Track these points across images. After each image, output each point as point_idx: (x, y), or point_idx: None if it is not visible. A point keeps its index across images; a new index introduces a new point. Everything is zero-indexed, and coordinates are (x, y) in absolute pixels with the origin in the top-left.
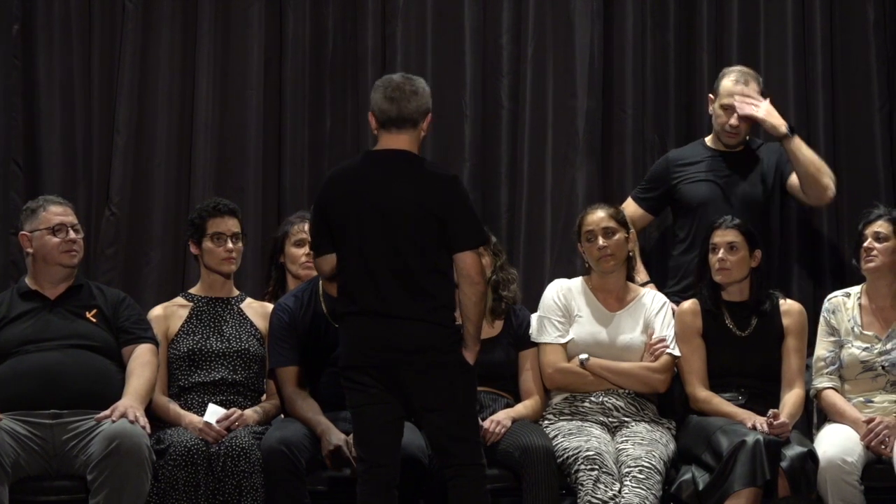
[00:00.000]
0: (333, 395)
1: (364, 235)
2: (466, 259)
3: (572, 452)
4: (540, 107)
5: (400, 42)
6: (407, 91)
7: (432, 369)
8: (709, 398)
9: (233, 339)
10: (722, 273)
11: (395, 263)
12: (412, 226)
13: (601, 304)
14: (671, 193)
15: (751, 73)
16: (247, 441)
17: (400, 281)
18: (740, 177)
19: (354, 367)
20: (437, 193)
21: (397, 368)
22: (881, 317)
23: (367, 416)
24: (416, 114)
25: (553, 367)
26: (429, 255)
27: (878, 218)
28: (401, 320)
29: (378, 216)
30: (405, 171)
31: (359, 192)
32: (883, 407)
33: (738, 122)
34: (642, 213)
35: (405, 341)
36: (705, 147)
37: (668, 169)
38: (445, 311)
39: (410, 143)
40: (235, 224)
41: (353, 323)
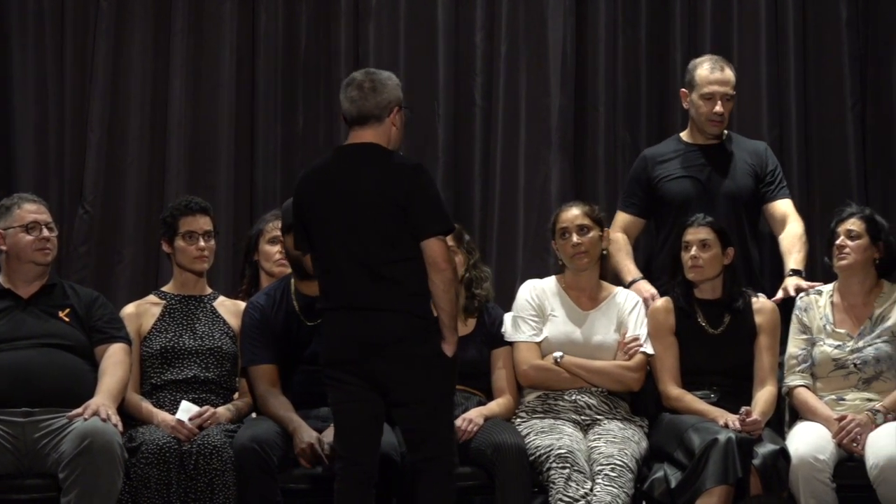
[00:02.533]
0: (306, 392)
1: (333, 230)
2: (431, 246)
3: (544, 450)
4: (513, 104)
5: (373, 40)
6: (366, 89)
7: (405, 361)
8: (681, 396)
9: (205, 336)
10: (694, 271)
11: (362, 255)
12: (377, 216)
13: (574, 303)
14: (654, 192)
15: (722, 59)
16: (219, 439)
17: (368, 272)
18: (721, 171)
19: (333, 363)
20: (400, 182)
21: (371, 362)
22: (853, 315)
23: (346, 413)
24: (377, 109)
25: (527, 364)
26: (396, 246)
27: (851, 216)
28: (370, 311)
29: (344, 209)
30: (368, 164)
31: (326, 188)
32: (855, 405)
33: (722, 109)
34: (633, 220)
35: (376, 333)
36: (681, 142)
37: (647, 167)
38: (417, 300)
39: (377, 136)
40: (208, 222)
41: (329, 319)
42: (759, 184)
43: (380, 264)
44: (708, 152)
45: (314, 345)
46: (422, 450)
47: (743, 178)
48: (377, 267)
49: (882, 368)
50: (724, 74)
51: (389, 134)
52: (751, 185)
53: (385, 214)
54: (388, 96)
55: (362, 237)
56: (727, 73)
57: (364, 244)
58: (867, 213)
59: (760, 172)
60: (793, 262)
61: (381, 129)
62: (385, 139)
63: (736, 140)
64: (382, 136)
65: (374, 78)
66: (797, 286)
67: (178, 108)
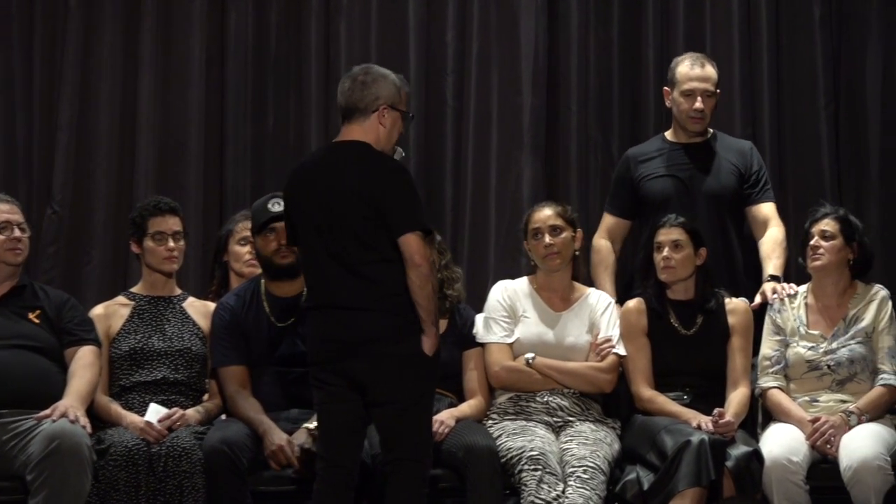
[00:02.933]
0: (276, 394)
1: (314, 227)
2: (406, 242)
3: (516, 452)
4: (484, 104)
5: (343, 39)
6: (358, 81)
7: (383, 361)
8: (653, 397)
9: (175, 338)
10: (667, 272)
11: (341, 254)
12: (355, 217)
13: (546, 304)
14: (636, 192)
15: (703, 55)
16: (188, 441)
17: (348, 271)
18: (703, 170)
19: (317, 363)
20: (377, 183)
21: (350, 361)
22: (827, 316)
23: (329, 414)
24: (362, 103)
25: (499, 365)
26: (374, 247)
27: (825, 216)
28: (349, 311)
29: (324, 207)
30: (350, 162)
31: (309, 184)
32: (828, 406)
33: (702, 106)
34: (617, 221)
35: (354, 332)
36: (665, 141)
37: (629, 167)
38: (397, 299)
39: (364, 132)
40: (177, 222)
41: (312, 318)
42: (744, 184)
43: (358, 264)
44: (691, 151)
45: (284, 346)
46: (395, 450)
47: (727, 177)
48: (356, 266)
49: (856, 370)
50: (704, 71)
51: (377, 132)
52: (734, 186)
53: (362, 215)
54: (377, 92)
55: (341, 237)
56: (708, 69)
57: (342, 244)
58: (841, 213)
59: (745, 173)
60: (771, 267)
61: (367, 126)
62: (373, 137)
63: (721, 139)
64: (370, 133)
65: (370, 71)
66: (773, 290)
67: (148, 107)
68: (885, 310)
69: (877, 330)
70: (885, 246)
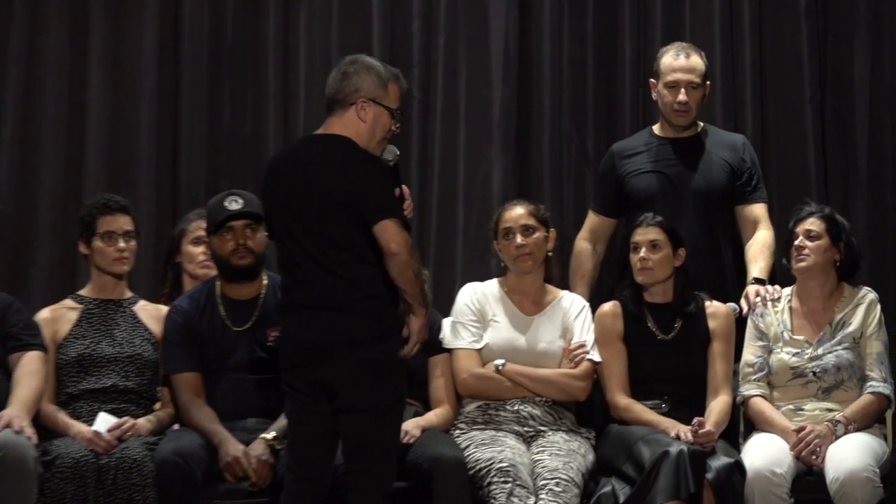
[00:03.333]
0: (232, 402)
1: (289, 224)
2: (381, 229)
3: (485, 464)
4: (452, 98)
5: (303, 28)
6: (341, 71)
7: (355, 365)
8: (630, 406)
9: (125, 343)
10: (644, 273)
11: (316, 253)
12: (330, 216)
13: (517, 307)
14: (621, 188)
15: (690, 45)
16: (139, 452)
17: (323, 271)
18: (692, 166)
19: (288, 368)
20: (349, 178)
21: (322, 366)
22: (812, 320)
23: (300, 423)
24: (341, 94)
25: (467, 372)
26: (350, 247)
27: (810, 215)
28: (323, 312)
29: (299, 204)
30: (325, 157)
31: (284, 179)
32: (814, 415)
33: (686, 98)
34: (601, 220)
35: (328, 335)
36: (652, 135)
37: (614, 162)
38: (373, 302)
39: (343, 126)
40: (128, 222)
41: (285, 319)
42: (735, 181)
43: (334, 264)
44: (679, 146)
45: (241, 352)
46: (358, 461)
47: (717, 174)
48: (332, 266)
49: (843, 377)
50: (689, 61)
51: (356, 127)
52: (724, 183)
53: (337, 213)
54: (357, 84)
55: (316, 235)
56: (693, 59)
57: (318, 242)
58: (827, 212)
59: (736, 169)
60: (756, 270)
61: (346, 119)
62: (352, 131)
63: (712, 133)
64: (349, 128)
65: (357, 62)
66: (757, 293)
67: (97, 100)
68: (873, 314)
69: (865, 335)
70: (874, 246)
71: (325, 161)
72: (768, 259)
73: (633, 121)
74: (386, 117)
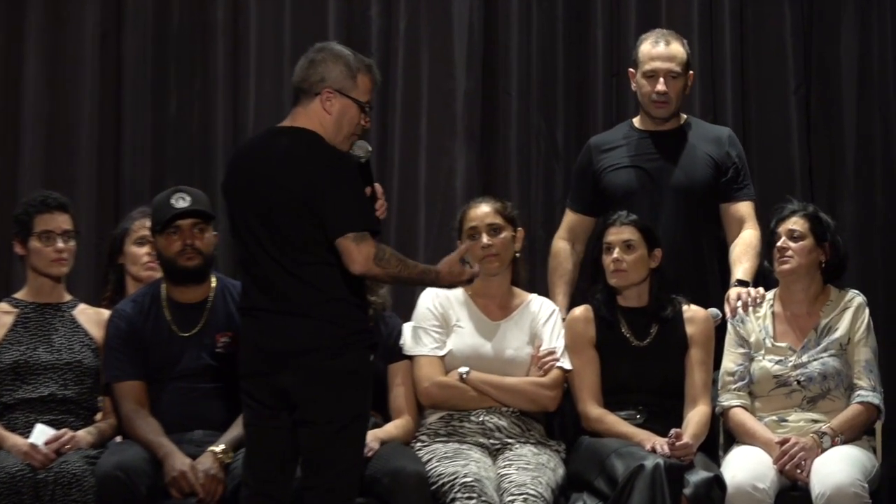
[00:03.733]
0: (178, 413)
1: (248, 221)
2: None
3: (448, 478)
4: (413, 88)
5: (254, 13)
6: (308, 59)
7: (317, 375)
8: (602, 417)
9: (63, 349)
10: (617, 275)
11: (276, 254)
12: (289, 214)
13: (482, 312)
14: (598, 184)
15: (671, 32)
16: (79, 466)
17: (283, 272)
18: (673, 161)
19: (247, 376)
20: (313, 182)
21: (281, 374)
22: (796, 326)
23: (258, 436)
24: (306, 83)
25: (429, 381)
26: (310, 249)
27: (793, 214)
28: (285, 316)
29: (259, 201)
30: (286, 152)
31: (245, 173)
32: (798, 426)
33: (665, 88)
34: (579, 219)
35: (286, 341)
36: (632, 128)
37: (591, 157)
38: (339, 306)
39: (308, 118)
40: (67, 220)
41: (244, 323)
42: (720, 177)
43: (296, 265)
44: (660, 139)
45: (188, 359)
46: (317, 477)
47: (700, 169)
48: (293, 268)
49: (829, 386)
50: (669, 49)
51: (321, 119)
52: (708, 179)
53: (297, 213)
54: (324, 73)
55: (277, 235)
56: (674, 47)
57: (279, 243)
58: (811, 210)
59: (721, 164)
60: (740, 272)
61: (311, 110)
62: (317, 124)
63: (696, 126)
64: (313, 120)
65: (326, 49)
66: (738, 296)
67: (33, 91)
68: (861, 318)
69: (852, 341)
70: (861, 246)
71: (289, 157)
72: (753, 260)
73: (605, 113)
74: (354, 111)
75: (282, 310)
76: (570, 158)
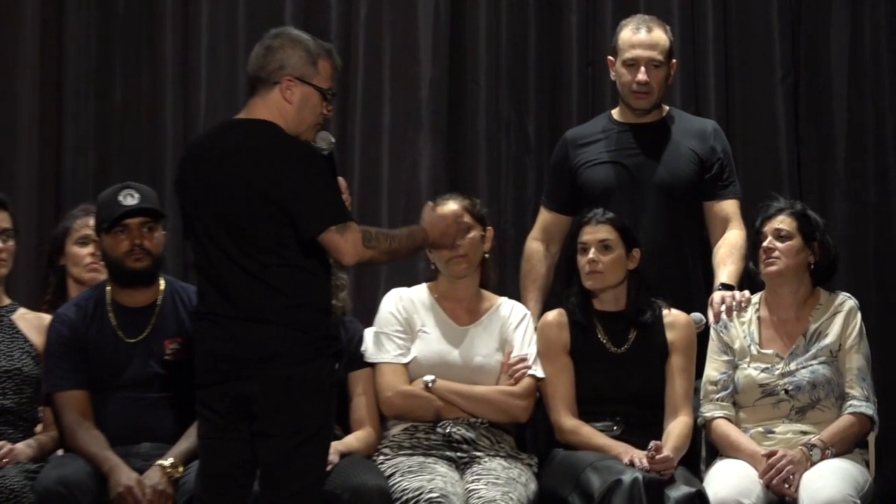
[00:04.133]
0: (124, 425)
1: (206, 221)
2: (326, 243)
3: (412, 494)
4: (375, 76)
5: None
6: (265, 45)
7: (279, 384)
8: (577, 428)
9: (2, 356)
10: (593, 277)
11: (237, 256)
12: (252, 214)
13: (449, 316)
14: (575, 181)
15: (653, 19)
16: (17, 481)
17: (244, 275)
18: (655, 156)
19: (202, 385)
20: (279, 177)
21: (240, 383)
22: (783, 331)
23: (212, 451)
24: (266, 71)
25: (392, 390)
26: (277, 249)
27: (779, 212)
28: (244, 322)
29: (217, 199)
30: (247, 146)
31: (200, 170)
32: (786, 438)
33: (646, 78)
34: (555, 218)
35: (247, 348)
36: (610, 121)
37: (567, 152)
38: (304, 311)
39: (267, 109)
40: (5, 218)
41: (200, 329)
42: (704, 174)
43: (259, 268)
44: (641, 133)
45: (135, 367)
46: (276, 493)
47: (683, 165)
48: (255, 270)
49: (819, 395)
50: (650, 36)
51: (281, 110)
52: (691, 176)
53: (262, 212)
54: (282, 60)
55: (238, 236)
56: (656, 34)
57: (240, 244)
58: (798, 208)
59: (705, 160)
60: (725, 275)
61: (269, 101)
62: (277, 115)
63: (680, 119)
64: (273, 110)
65: (283, 34)
66: (723, 300)
67: None
68: (853, 323)
69: (844, 347)
70: (853, 246)
71: (249, 152)
72: (738, 262)
73: (580, 104)
74: (316, 99)
75: (243, 315)
76: (542, 152)
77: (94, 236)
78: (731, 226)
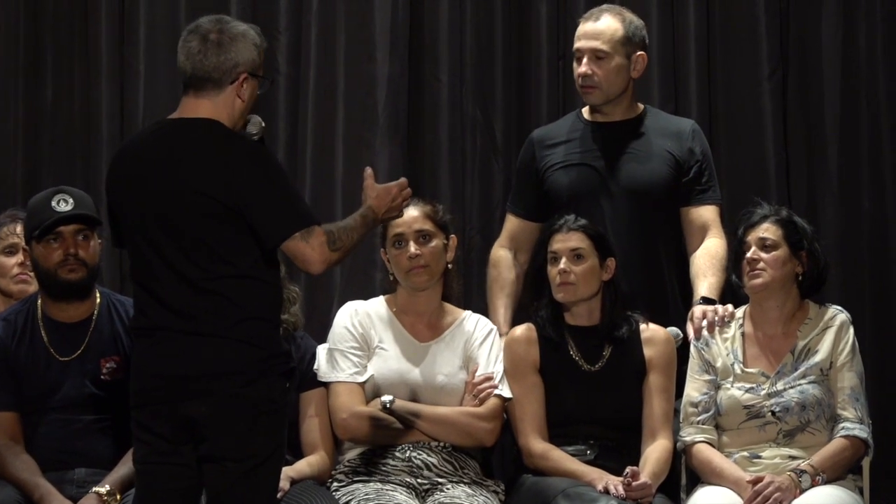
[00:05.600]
0: (57, 449)
1: (145, 230)
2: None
3: None
4: (328, 72)
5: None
6: (211, 42)
7: (228, 404)
8: (547, 452)
9: None
10: (564, 289)
11: (182, 266)
12: (202, 219)
13: (409, 332)
14: (542, 185)
15: (614, 7)
16: None
17: (190, 287)
18: (628, 157)
19: (139, 404)
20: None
21: (185, 403)
22: (770, 349)
23: (150, 476)
24: (217, 72)
25: (347, 411)
26: (229, 257)
27: (763, 220)
28: (189, 337)
29: (158, 205)
30: (194, 148)
31: (137, 175)
32: (774, 463)
33: (587, 70)
34: (522, 224)
35: (194, 365)
36: (580, 119)
37: (534, 153)
38: (256, 325)
39: (214, 109)
40: None
41: (139, 345)
42: (681, 177)
43: (205, 279)
44: (612, 133)
45: (68, 386)
46: None
47: (658, 168)
48: (203, 282)
49: (809, 417)
50: (594, 25)
51: (232, 108)
52: (666, 179)
53: (213, 218)
54: (235, 57)
55: (182, 244)
56: (602, 23)
57: (185, 252)
58: (784, 215)
59: (682, 162)
60: (705, 287)
61: (220, 100)
62: (225, 114)
63: (655, 117)
64: (222, 110)
65: (224, 29)
66: (703, 314)
67: None
68: (845, 339)
69: (835, 366)
70: (845, 256)
71: (199, 154)
72: (719, 274)
73: (550, 102)
74: (256, 87)
75: (188, 329)
76: (510, 154)
77: (22, 245)
78: (710, 234)
